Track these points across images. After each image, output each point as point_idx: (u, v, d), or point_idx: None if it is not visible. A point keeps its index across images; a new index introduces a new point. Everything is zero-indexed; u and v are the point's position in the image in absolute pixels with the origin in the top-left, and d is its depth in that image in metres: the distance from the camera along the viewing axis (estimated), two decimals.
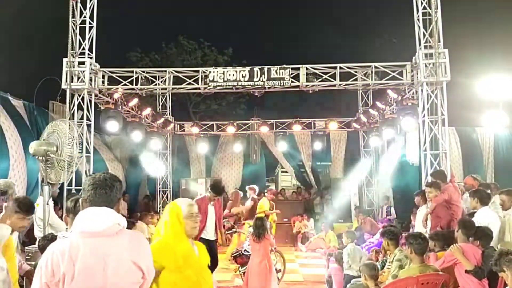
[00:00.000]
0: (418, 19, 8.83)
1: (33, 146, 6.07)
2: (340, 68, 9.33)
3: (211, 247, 6.98)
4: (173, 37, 22.54)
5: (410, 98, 9.58)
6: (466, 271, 5.13)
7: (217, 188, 7.45)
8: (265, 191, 13.24)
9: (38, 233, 6.87)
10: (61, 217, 8.56)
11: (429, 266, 5.16)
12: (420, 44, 8.81)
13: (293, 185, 16.57)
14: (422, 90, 8.92)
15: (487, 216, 6.16)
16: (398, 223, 12.21)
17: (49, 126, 6.37)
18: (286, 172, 17.18)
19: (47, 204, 6.40)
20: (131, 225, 8.47)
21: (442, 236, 6.26)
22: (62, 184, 8.26)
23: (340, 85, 9.41)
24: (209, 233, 7.35)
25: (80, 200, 2.66)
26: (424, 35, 8.74)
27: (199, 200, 7.00)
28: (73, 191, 9.14)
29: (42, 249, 4.97)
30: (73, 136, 6.46)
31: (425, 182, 8.72)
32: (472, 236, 5.60)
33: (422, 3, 8.77)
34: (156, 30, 22.45)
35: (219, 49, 23.07)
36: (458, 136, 13.96)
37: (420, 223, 7.80)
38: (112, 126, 9.89)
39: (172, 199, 14.04)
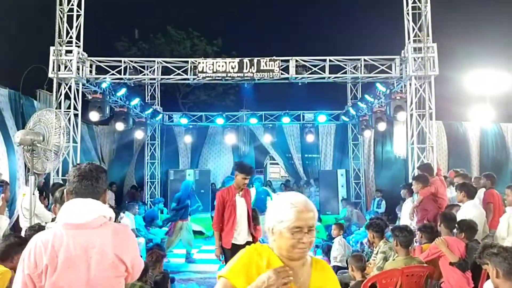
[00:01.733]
0: (408, 13, 8.86)
1: (19, 135, 5.97)
2: (330, 61, 9.34)
3: None
4: (161, 27, 22.32)
5: (398, 92, 9.62)
6: (450, 263, 5.21)
7: (245, 167, 6.03)
8: (252, 185, 13.28)
9: (23, 223, 6.82)
10: (46, 207, 8.55)
11: (414, 258, 5.24)
12: (409, 38, 8.85)
13: (282, 177, 16.60)
14: (410, 84, 8.97)
15: (472, 210, 6.25)
16: (385, 215, 12.39)
17: (35, 116, 6.26)
18: (276, 164, 17.21)
19: (33, 194, 6.34)
20: (117, 216, 8.44)
21: (430, 228, 6.33)
22: (49, 174, 8.21)
23: (329, 78, 9.43)
24: (241, 237, 5.89)
25: (65, 191, 2.64)
26: (413, 29, 8.78)
27: (224, 191, 5.99)
28: (60, 181, 9.07)
29: (29, 239, 4.94)
30: (60, 126, 6.38)
31: (411, 175, 8.81)
32: (456, 229, 5.69)
33: None
34: (144, 20, 22.22)
35: (208, 39, 22.91)
36: (445, 130, 14.08)
37: (407, 215, 7.89)
38: (99, 116, 9.84)
39: (160, 190, 14.18)
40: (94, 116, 9.82)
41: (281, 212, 2.08)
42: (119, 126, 11.16)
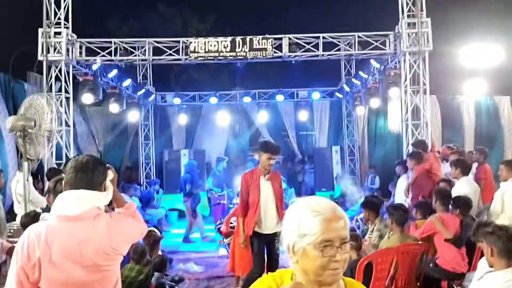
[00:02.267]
0: None
1: (10, 121, 5.91)
2: (323, 38, 9.24)
3: (271, 248, 5.46)
4: (152, 4, 21.92)
5: (392, 68, 9.57)
6: (445, 240, 5.28)
7: (271, 146, 5.63)
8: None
9: (18, 209, 6.83)
10: (42, 190, 8.54)
11: (409, 236, 5.30)
12: (403, 13, 8.75)
13: (281, 155, 16.58)
14: (404, 60, 8.91)
15: (467, 186, 6.30)
16: (379, 191, 12.49)
17: (26, 101, 6.19)
18: None
19: (27, 180, 6.31)
20: None
21: (426, 205, 6.39)
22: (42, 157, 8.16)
23: (323, 55, 9.35)
24: (268, 224, 5.45)
25: (63, 182, 2.61)
26: (407, 4, 8.67)
27: (247, 174, 5.58)
28: (54, 164, 9.03)
29: (24, 225, 4.93)
30: (51, 111, 6.31)
31: (406, 152, 8.84)
32: (451, 205, 5.75)
33: None
34: None
35: (200, 16, 22.55)
36: (439, 104, 14.08)
37: (401, 192, 7.96)
38: (91, 98, 9.73)
39: (155, 171, 14.17)
40: (87, 98, 9.70)
41: (302, 224, 1.60)
42: (112, 107, 11.06)
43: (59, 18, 8.90)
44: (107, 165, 2.65)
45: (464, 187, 6.24)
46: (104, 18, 20.99)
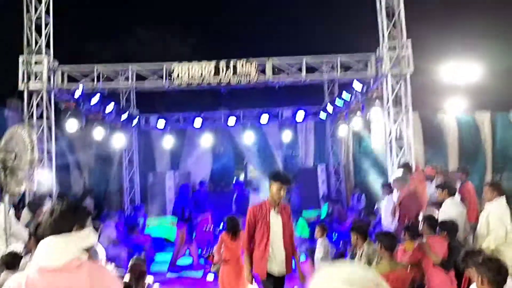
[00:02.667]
0: (381, 11, 8.88)
1: None
2: (306, 63, 9.31)
3: None
4: (134, 27, 21.93)
5: (375, 89, 9.68)
6: (434, 264, 5.29)
7: (281, 175, 5.15)
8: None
9: None
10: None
11: (398, 263, 5.28)
12: (383, 36, 8.89)
13: (263, 175, 16.55)
14: (386, 82, 9.02)
15: (453, 208, 6.35)
16: (365, 210, 12.51)
17: (7, 133, 6.07)
18: None
19: (8, 213, 6.16)
20: (98, 225, 8.26)
21: (413, 227, 6.40)
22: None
23: (306, 80, 9.42)
24: (277, 262, 4.94)
25: (41, 230, 2.56)
26: (388, 27, 8.81)
27: (256, 207, 5.03)
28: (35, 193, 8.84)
29: (5, 264, 4.79)
30: (32, 141, 6.20)
31: (390, 172, 8.89)
32: (438, 229, 5.78)
33: None
34: (117, 21, 21.79)
35: (182, 38, 22.62)
36: (420, 121, 14.24)
37: (387, 214, 7.98)
38: (73, 125, 9.60)
39: (140, 195, 13.99)
40: (69, 125, 9.57)
41: None
42: (95, 133, 10.94)
43: (40, 46, 8.80)
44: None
45: (450, 209, 6.28)
46: (85, 44, 20.92)
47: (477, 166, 13.92)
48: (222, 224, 9.23)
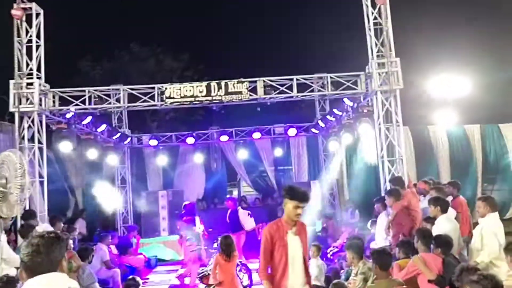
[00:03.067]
0: (370, 29, 9.01)
1: None
2: (297, 79, 9.40)
3: None
4: (125, 45, 22.03)
5: (365, 105, 9.77)
6: (429, 281, 5.28)
7: (298, 192, 4.50)
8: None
9: None
10: (15, 241, 8.24)
11: (394, 280, 5.28)
12: (372, 54, 9.00)
13: (257, 192, 16.55)
14: (376, 98, 9.11)
15: (447, 223, 6.36)
16: (359, 224, 12.50)
17: None
18: None
19: (0, 239, 6.10)
20: (90, 251, 8.19)
21: (408, 244, 6.41)
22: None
23: (297, 96, 9.49)
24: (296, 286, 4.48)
25: (20, 267, 2.57)
26: (376, 45, 8.93)
27: (272, 227, 4.49)
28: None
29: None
30: (22, 164, 6.17)
31: (383, 188, 8.93)
32: (432, 245, 5.79)
33: (372, 13, 8.94)
34: (108, 38, 21.90)
35: (174, 55, 22.75)
36: (411, 135, 14.38)
37: (381, 231, 7.98)
38: (65, 146, 9.60)
39: (133, 215, 13.89)
40: (61, 146, 9.57)
41: None
42: (87, 154, 10.93)
43: (31, 69, 8.80)
44: (64, 235, 2.63)
45: (444, 225, 6.29)
46: (77, 65, 20.99)
47: (469, 178, 14.04)
48: (216, 243, 9.19)
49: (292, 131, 13.86)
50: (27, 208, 8.36)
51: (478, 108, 15.18)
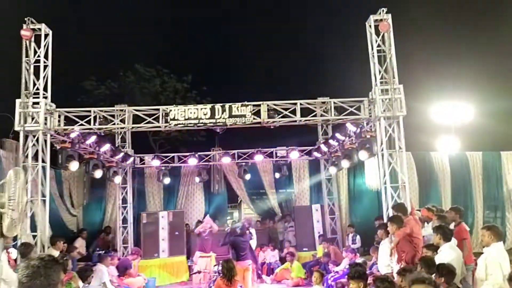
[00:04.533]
0: (373, 56, 9.11)
1: None
2: (300, 104, 9.46)
3: None
4: (130, 65, 22.29)
5: (368, 131, 9.80)
6: None
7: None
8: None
9: None
10: (15, 261, 8.17)
11: None
12: (376, 80, 9.07)
13: (258, 214, 16.48)
14: (379, 124, 9.14)
15: (450, 253, 6.32)
16: (361, 249, 12.41)
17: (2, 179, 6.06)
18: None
19: (0, 259, 6.08)
20: (90, 272, 8.14)
21: (410, 272, 6.34)
22: None
23: (300, 121, 9.54)
24: None
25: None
26: (380, 72, 9.01)
27: None
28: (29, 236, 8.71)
29: None
30: (25, 183, 6.20)
31: (386, 214, 8.89)
32: (435, 273, 5.73)
33: (376, 40, 9.06)
34: (113, 58, 22.19)
35: (178, 76, 22.98)
36: (414, 160, 14.40)
37: (384, 257, 7.92)
38: (68, 165, 9.63)
39: (133, 235, 13.80)
40: (64, 165, 9.61)
41: None
42: (89, 173, 10.94)
43: (37, 89, 8.89)
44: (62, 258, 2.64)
45: (447, 253, 6.25)
46: (81, 84, 21.20)
47: (469, 205, 14.01)
48: (217, 266, 9.13)
49: (294, 154, 13.89)
50: (28, 227, 8.35)
51: (480, 135, 15.21)
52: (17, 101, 8.75)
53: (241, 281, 7.47)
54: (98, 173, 11.20)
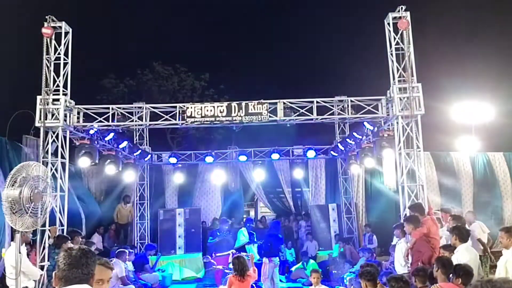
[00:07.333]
0: (392, 54, 9.00)
1: (4, 193, 5.86)
2: (317, 102, 9.41)
3: None
4: (148, 63, 22.50)
5: (386, 130, 9.70)
6: None
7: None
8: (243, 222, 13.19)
9: (9, 281, 6.64)
10: (35, 254, 8.33)
11: None
12: (394, 79, 8.96)
13: (274, 212, 16.49)
14: (397, 123, 9.04)
15: (467, 253, 6.23)
16: (377, 249, 12.31)
17: (18, 170, 6.14)
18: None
19: (19, 252, 6.18)
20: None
21: (423, 271, 6.27)
22: None
23: (317, 119, 9.49)
24: None
25: (54, 274, 2.64)
26: (398, 70, 8.90)
27: None
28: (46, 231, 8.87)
29: None
30: (45, 178, 6.27)
31: (403, 214, 8.79)
32: (452, 274, 5.65)
33: (395, 38, 8.95)
34: (131, 56, 22.45)
35: (195, 74, 23.10)
36: (433, 160, 14.21)
37: (400, 257, 7.84)
38: (87, 161, 9.77)
39: (150, 232, 13.94)
40: (83, 161, 9.76)
41: None
42: (108, 169, 11.08)
43: (57, 85, 9.03)
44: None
45: (464, 254, 6.16)
46: (101, 82, 21.48)
47: (493, 207, 13.77)
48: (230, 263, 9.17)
49: (311, 153, 13.82)
50: (47, 221, 8.48)
51: (501, 135, 14.92)
52: (38, 97, 8.90)
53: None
54: (116, 170, 11.33)
